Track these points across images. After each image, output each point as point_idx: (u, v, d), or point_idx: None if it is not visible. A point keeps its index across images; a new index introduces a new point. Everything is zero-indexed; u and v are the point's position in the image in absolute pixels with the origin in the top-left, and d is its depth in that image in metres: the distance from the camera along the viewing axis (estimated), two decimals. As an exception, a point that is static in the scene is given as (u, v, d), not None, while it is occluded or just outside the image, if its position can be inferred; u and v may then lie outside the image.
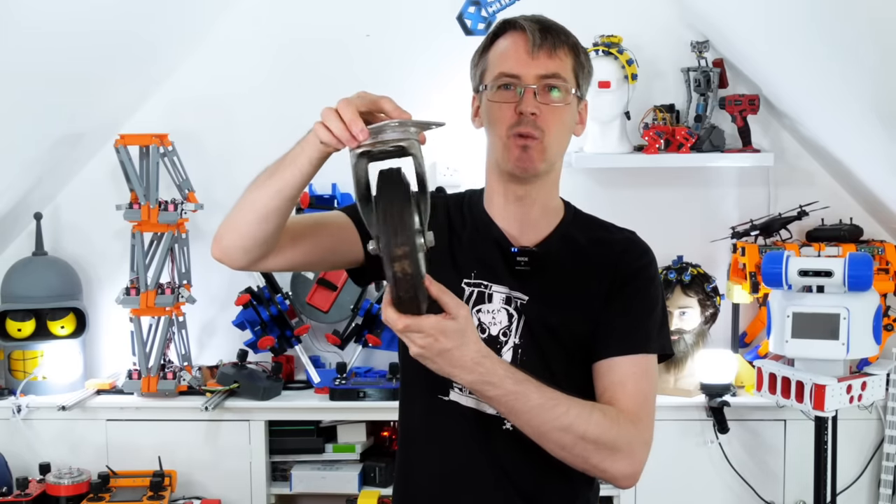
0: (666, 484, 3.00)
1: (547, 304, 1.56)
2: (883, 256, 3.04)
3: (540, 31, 1.53)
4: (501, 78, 1.54)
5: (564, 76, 1.54)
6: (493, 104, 1.55)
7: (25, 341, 3.16)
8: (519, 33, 1.55)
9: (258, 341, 3.14)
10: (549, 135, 1.53)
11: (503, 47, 1.56)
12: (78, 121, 3.08)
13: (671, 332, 3.03)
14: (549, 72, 1.53)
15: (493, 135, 1.57)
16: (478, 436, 1.56)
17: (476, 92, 1.62)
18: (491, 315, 1.58)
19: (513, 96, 1.53)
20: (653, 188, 3.30)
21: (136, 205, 3.09)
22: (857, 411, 2.94)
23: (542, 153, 1.53)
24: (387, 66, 3.27)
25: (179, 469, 3.01)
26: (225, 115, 3.32)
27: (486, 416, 1.55)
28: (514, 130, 1.52)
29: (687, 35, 3.20)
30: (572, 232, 1.62)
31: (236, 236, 1.51)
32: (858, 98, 2.62)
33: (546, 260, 1.58)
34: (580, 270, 1.58)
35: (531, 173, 1.54)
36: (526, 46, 1.53)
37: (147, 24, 2.95)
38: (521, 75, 1.52)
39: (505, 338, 1.58)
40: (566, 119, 1.56)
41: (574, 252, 1.60)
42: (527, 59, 1.52)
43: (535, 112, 1.51)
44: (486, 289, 1.59)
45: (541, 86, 1.52)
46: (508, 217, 1.61)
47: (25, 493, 2.88)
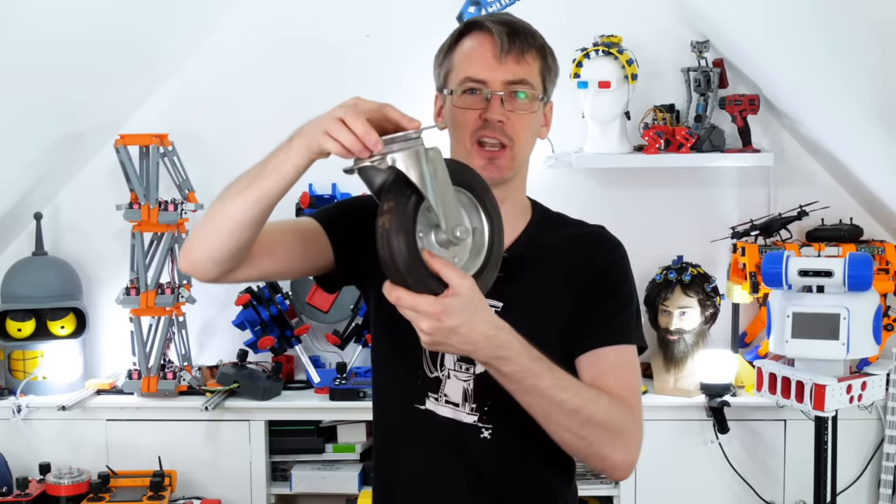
0: (666, 484, 3.00)
1: (521, 310, 1.51)
2: (883, 256, 3.04)
3: (508, 34, 1.49)
4: (467, 82, 1.50)
5: (532, 81, 1.51)
6: (458, 109, 1.51)
7: (25, 341, 3.16)
8: (486, 35, 1.50)
9: (258, 341, 3.14)
10: (518, 142, 1.51)
11: (469, 49, 1.52)
12: (78, 120, 3.08)
13: (671, 331, 3.06)
14: (517, 77, 1.49)
15: (456, 139, 1.54)
16: (455, 444, 1.53)
17: (439, 92, 1.58)
18: None
19: (478, 101, 1.49)
20: (653, 188, 3.30)
21: (136, 205, 3.09)
22: (857, 411, 2.94)
23: (510, 161, 1.51)
24: (386, 65, 3.28)
25: (179, 469, 3.01)
26: (225, 114, 3.33)
27: (463, 425, 1.52)
28: (478, 136, 1.50)
29: (687, 35, 3.20)
30: (541, 233, 1.59)
31: (208, 249, 1.43)
32: (858, 98, 2.62)
33: (517, 265, 1.53)
34: (552, 272, 1.55)
35: (497, 181, 1.50)
36: (493, 50, 1.49)
37: (147, 24, 2.95)
38: (487, 80, 1.49)
39: None
40: (532, 124, 1.54)
41: (545, 253, 1.56)
42: (494, 64, 1.49)
43: (502, 119, 1.48)
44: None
45: (507, 92, 1.49)
46: None
47: (25, 493, 2.88)
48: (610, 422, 1.41)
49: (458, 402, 1.53)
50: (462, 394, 1.53)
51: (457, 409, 1.52)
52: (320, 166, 1.41)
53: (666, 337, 3.08)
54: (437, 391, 1.54)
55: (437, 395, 1.53)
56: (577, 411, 1.38)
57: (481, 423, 1.52)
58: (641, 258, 3.23)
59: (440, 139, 1.56)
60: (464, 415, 1.52)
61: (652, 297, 3.13)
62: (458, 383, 1.53)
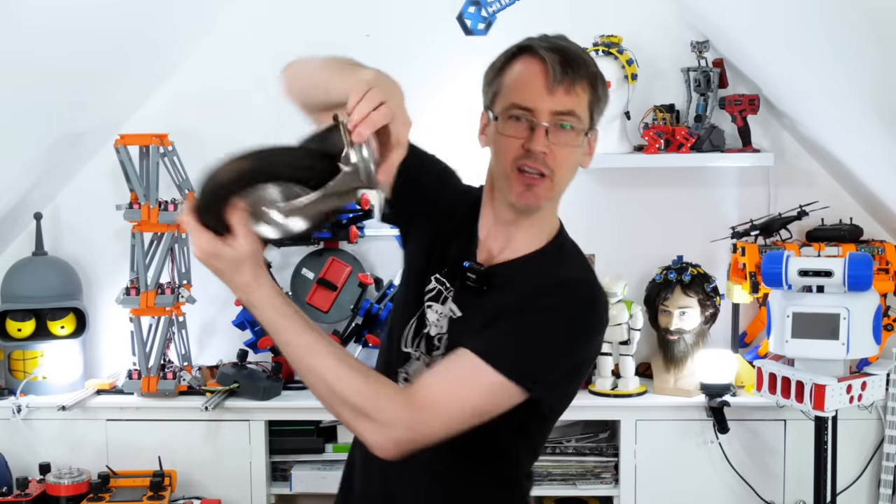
0: (666, 484, 3.00)
1: (474, 322, 1.50)
2: (883, 256, 3.04)
3: (560, 63, 1.46)
4: (513, 109, 1.49)
5: (579, 114, 1.49)
6: (501, 136, 1.50)
7: (25, 341, 3.16)
8: (538, 62, 1.48)
9: (258, 341, 3.14)
10: (558, 174, 1.50)
11: (518, 74, 1.50)
12: (78, 120, 3.08)
13: (671, 331, 3.06)
14: (565, 108, 1.47)
15: (497, 163, 1.53)
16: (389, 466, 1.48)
17: (486, 111, 1.57)
18: (437, 316, 1.56)
19: (523, 130, 1.48)
20: (653, 188, 3.30)
21: (136, 205, 3.09)
22: (857, 411, 2.94)
23: (549, 191, 1.51)
24: (387, 66, 3.24)
25: (179, 469, 3.01)
26: (225, 114, 3.32)
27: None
28: (518, 164, 1.48)
29: (687, 35, 3.20)
30: (536, 264, 1.55)
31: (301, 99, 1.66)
32: (859, 97, 2.62)
33: (490, 282, 1.53)
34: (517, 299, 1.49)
35: (533, 209, 1.52)
36: (544, 80, 1.46)
37: (148, 24, 2.95)
38: (535, 110, 1.47)
39: (438, 344, 1.56)
40: (575, 157, 1.53)
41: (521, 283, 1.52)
42: (543, 93, 1.46)
43: (546, 151, 1.47)
44: (445, 291, 1.57)
45: (553, 123, 1.47)
46: (493, 233, 1.59)
47: (25, 493, 2.88)
48: (355, 400, 1.37)
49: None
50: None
51: None
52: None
53: (666, 337, 3.08)
54: (404, 366, 1.58)
55: (405, 371, 1.58)
56: (321, 377, 1.38)
57: None
58: (641, 258, 3.26)
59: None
60: None
61: (652, 297, 3.13)
62: (421, 366, 1.57)
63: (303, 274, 3.22)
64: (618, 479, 3.02)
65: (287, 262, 3.32)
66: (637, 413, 3.00)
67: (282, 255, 3.32)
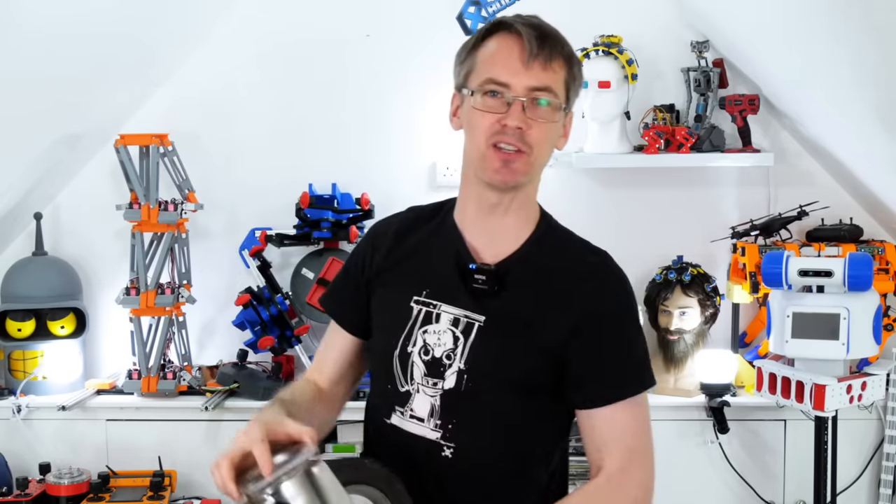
0: (666, 484, 2.99)
1: (503, 325, 1.49)
2: (883, 256, 3.04)
3: (537, 38, 1.44)
4: (489, 84, 1.45)
5: (556, 90, 1.46)
6: (477, 111, 1.47)
7: (25, 341, 3.16)
8: (514, 37, 1.45)
9: (258, 341, 3.14)
10: (535, 150, 1.47)
11: (494, 49, 1.47)
12: (78, 121, 3.08)
13: (671, 331, 3.06)
14: (542, 84, 1.45)
15: (471, 142, 1.50)
16: (418, 461, 1.52)
17: (458, 90, 1.54)
18: (436, 336, 1.51)
19: (499, 105, 1.45)
20: (653, 188, 3.30)
21: (136, 205, 3.09)
22: (857, 411, 2.94)
23: (526, 167, 1.47)
24: (387, 65, 3.27)
25: (179, 469, 3.00)
26: (225, 115, 3.32)
27: (427, 442, 1.51)
28: (494, 140, 1.45)
29: (687, 35, 3.20)
30: (540, 250, 1.54)
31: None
32: (859, 98, 2.62)
33: (505, 279, 1.50)
34: (543, 292, 1.50)
35: (511, 185, 1.48)
36: (521, 54, 1.44)
37: (147, 24, 2.94)
38: (511, 84, 1.44)
39: (449, 361, 1.50)
40: (552, 134, 1.50)
41: (538, 273, 1.52)
42: (519, 68, 1.44)
43: (522, 126, 1.44)
44: (434, 308, 1.53)
45: (530, 98, 1.44)
46: (478, 225, 1.55)
47: (25, 493, 2.88)
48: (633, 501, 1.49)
49: (424, 418, 1.52)
50: (429, 409, 1.51)
51: (422, 424, 1.52)
52: (320, 167, 1.40)
53: (666, 337, 3.08)
54: (405, 405, 1.53)
55: (404, 410, 1.53)
56: None
57: (444, 441, 1.50)
58: (641, 258, 3.25)
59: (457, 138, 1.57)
60: (428, 431, 1.51)
61: (652, 297, 3.13)
62: (425, 398, 1.52)
63: (303, 274, 3.22)
64: (618, 479, 3.01)
65: (287, 262, 3.32)
66: (637, 413, 3.00)
67: (282, 255, 3.32)
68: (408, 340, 1.53)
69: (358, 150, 3.27)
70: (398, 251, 1.59)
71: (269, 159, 3.31)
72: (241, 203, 3.32)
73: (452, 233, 1.57)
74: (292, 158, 3.28)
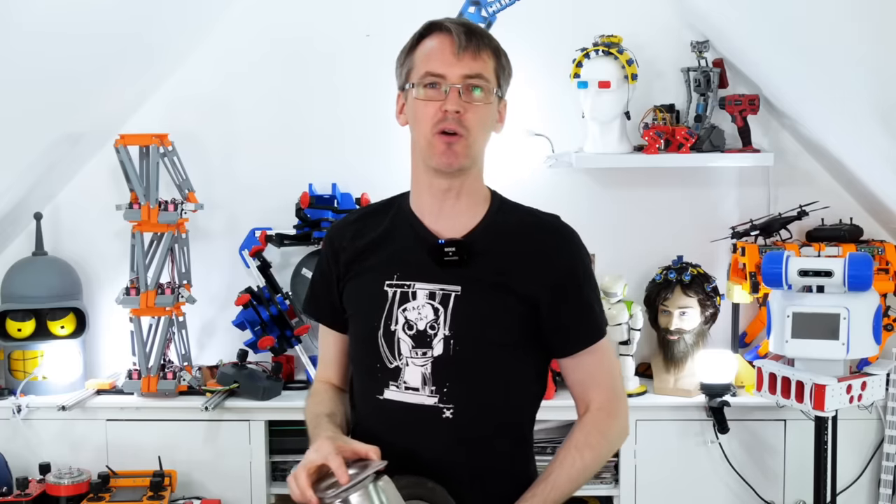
0: (666, 484, 3.00)
1: (479, 291, 1.63)
2: (883, 256, 3.04)
3: (465, 33, 1.61)
4: (427, 77, 1.61)
5: (487, 76, 1.62)
6: (419, 102, 1.62)
7: (25, 341, 3.16)
8: (445, 34, 1.62)
9: (258, 341, 3.14)
10: (473, 132, 1.61)
11: (429, 47, 1.64)
12: (78, 121, 3.08)
13: (671, 331, 3.06)
14: (473, 72, 1.60)
15: (418, 132, 1.65)
16: (417, 428, 1.62)
17: (401, 90, 1.69)
18: (416, 311, 1.64)
19: (438, 94, 1.60)
20: (653, 188, 3.30)
21: (136, 205, 3.09)
22: (857, 411, 2.94)
23: (465, 149, 1.61)
24: (387, 66, 3.25)
25: (179, 469, 3.00)
26: (225, 114, 3.33)
27: (425, 408, 1.62)
28: (438, 127, 1.60)
29: (687, 35, 3.20)
30: (498, 219, 1.69)
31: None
32: (859, 97, 2.62)
33: (474, 248, 1.64)
34: (510, 255, 1.65)
35: (456, 168, 1.62)
36: (452, 48, 1.60)
37: (147, 24, 2.95)
38: (446, 75, 1.60)
39: (433, 331, 1.62)
40: (487, 117, 1.64)
41: (502, 237, 1.67)
42: (452, 60, 1.60)
43: (460, 110, 1.59)
44: (408, 288, 1.65)
45: (465, 85, 1.60)
46: (435, 211, 1.68)
47: (25, 493, 2.88)
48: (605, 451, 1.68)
49: (418, 387, 1.62)
50: (421, 378, 1.62)
51: (417, 393, 1.62)
52: (320, 167, 1.41)
53: (666, 337, 3.08)
54: (398, 379, 1.63)
55: (398, 383, 1.63)
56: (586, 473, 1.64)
57: (442, 404, 1.61)
58: (641, 258, 3.26)
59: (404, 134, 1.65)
60: (425, 398, 1.62)
61: (652, 297, 3.13)
62: (416, 369, 1.63)
63: (303, 274, 3.22)
64: (618, 479, 3.01)
65: (287, 262, 3.32)
66: (637, 413, 2.99)
67: (282, 255, 3.32)
68: (389, 320, 1.65)
69: (358, 150, 3.27)
70: (360, 245, 1.72)
71: (269, 159, 3.31)
72: (241, 203, 3.32)
73: (412, 219, 1.71)
74: (292, 158, 3.29)
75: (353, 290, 1.72)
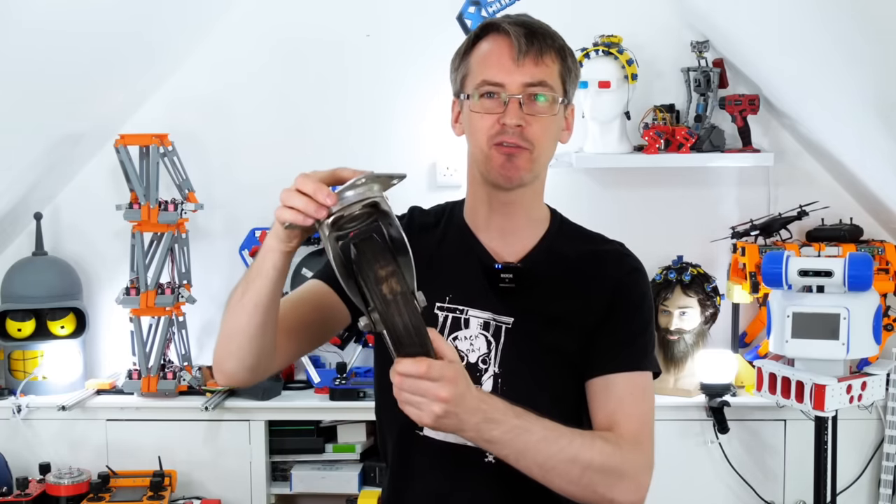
0: (666, 484, 2.98)
1: (534, 324, 1.49)
2: (883, 256, 3.04)
3: (525, 35, 1.45)
4: (484, 86, 1.46)
5: (551, 83, 1.47)
6: (475, 114, 1.47)
7: (25, 341, 3.16)
8: (503, 37, 1.46)
9: (258, 341, 3.13)
10: (537, 146, 1.47)
11: (486, 52, 1.48)
12: (78, 121, 3.08)
13: (671, 331, 3.06)
14: (535, 80, 1.45)
15: (474, 144, 1.50)
16: (456, 470, 1.49)
17: (456, 97, 1.54)
18: (469, 342, 1.50)
19: (496, 105, 1.45)
20: (653, 188, 3.30)
21: (136, 205, 3.09)
22: (857, 411, 2.94)
23: (529, 163, 1.47)
24: (387, 66, 3.27)
25: (179, 469, 3.01)
26: (225, 114, 3.32)
27: (465, 449, 1.45)
28: (496, 140, 1.45)
29: (687, 35, 3.20)
30: (559, 244, 1.55)
31: (235, 360, 1.44)
32: (859, 97, 2.62)
33: (532, 276, 1.50)
34: (569, 286, 1.51)
35: (516, 183, 1.48)
36: (511, 52, 1.45)
37: (147, 24, 2.95)
38: (505, 84, 1.45)
39: (484, 365, 1.50)
40: (552, 128, 1.50)
41: (562, 266, 1.52)
42: (511, 67, 1.45)
43: (521, 124, 1.44)
44: (461, 314, 1.51)
45: (526, 95, 1.45)
46: (492, 227, 1.54)
47: (25, 493, 2.88)
48: (609, 463, 1.39)
49: None
50: None
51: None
52: (320, 167, 1.39)
53: (666, 337, 3.08)
54: None
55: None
56: (573, 460, 1.36)
57: None
58: (641, 258, 3.23)
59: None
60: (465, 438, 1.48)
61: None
62: None
63: (303, 274, 3.22)
64: (618, 479, 3.01)
65: (287, 262, 3.32)
66: (637, 413, 2.99)
67: (282, 255, 3.31)
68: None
69: (358, 150, 3.27)
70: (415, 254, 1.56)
71: (269, 159, 3.31)
72: (241, 203, 3.32)
73: (466, 235, 1.56)
74: (292, 158, 3.28)
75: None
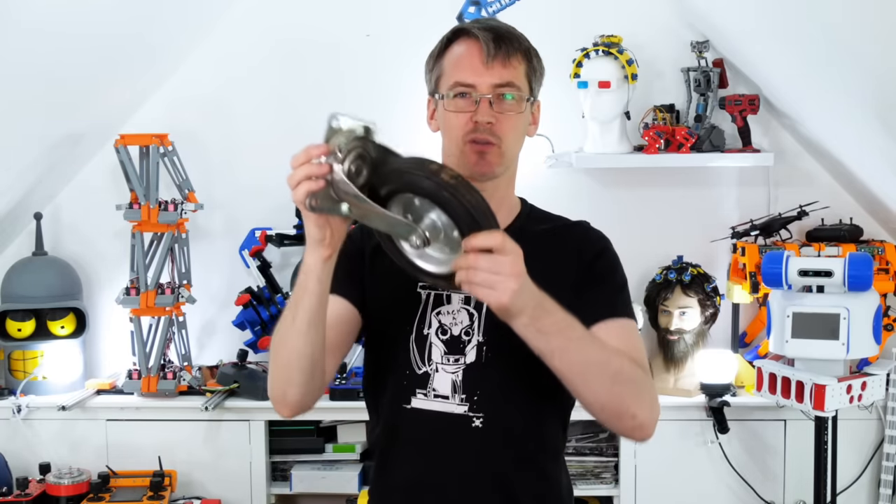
0: (666, 484, 3.00)
1: None
2: (883, 256, 3.04)
3: (494, 40, 1.56)
4: (457, 87, 1.57)
5: (518, 84, 1.58)
6: (450, 113, 1.58)
7: (25, 341, 3.16)
8: (473, 41, 1.57)
9: (258, 341, 3.14)
10: (506, 141, 1.57)
11: (457, 54, 1.59)
12: (78, 121, 3.08)
13: (671, 331, 3.06)
14: (504, 80, 1.56)
15: (449, 141, 1.61)
16: (446, 438, 1.56)
17: (431, 96, 1.65)
18: (451, 316, 1.59)
19: (468, 105, 1.56)
20: (653, 188, 3.30)
21: (136, 205, 3.09)
22: (857, 411, 2.94)
23: (499, 157, 1.58)
24: (387, 65, 3.27)
25: (179, 469, 3.01)
26: (225, 114, 3.33)
27: (454, 417, 1.55)
28: (469, 137, 1.56)
29: (687, 35, 3.20)
30: (528, 225, 1.65)
31: (298, 388, 1.53)
32: (859, 97, 2.62)
33: None
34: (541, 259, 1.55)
35: (489, 177, 1.58)
36: (480, 56, 1.56)
37: (148, 24, 2.95)
38: (475, 84, 1.56)
39: (467, 336, 1.58)
40: (520, 124, 1.61)
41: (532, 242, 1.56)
42: (481, 69, 1.56)
43: (491, 121, 1.55)
44: (443, 290, 1.59)
45: (495, 94, 1.56)
46: None
47: (25, 493, 2.88)
48: (635, 377, 1.50)
49: (448, 395, 1.57)
50: (451, 386, 1.57)
51: (446, 401, 1.57)
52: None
53: (666, 337, 3.08)
54: (426, 386, 1.58)
55: (426, 391, 1.58)
56: (607, 363, 1.45)
57: (472, 413, 1.55)
58: (641, 258, 3.26)
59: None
60: (454, 406, 1.56)
61: (652, 297, 3.13)
62: (446, 376, 1.57)
63: (303, 274, 3.22)
64: (618, 479, 3.02)
65: (287, 262, 3.32)
66: (637, 413, 2.99)
67: (282, 255, 3.32)
68: (422, 324, 1.60)
69: (358, 150, 3.27)
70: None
71: (269, 159, 3.28)
72: (241, 203, 3.32)
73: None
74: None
75: (381, 288, 1.64)
